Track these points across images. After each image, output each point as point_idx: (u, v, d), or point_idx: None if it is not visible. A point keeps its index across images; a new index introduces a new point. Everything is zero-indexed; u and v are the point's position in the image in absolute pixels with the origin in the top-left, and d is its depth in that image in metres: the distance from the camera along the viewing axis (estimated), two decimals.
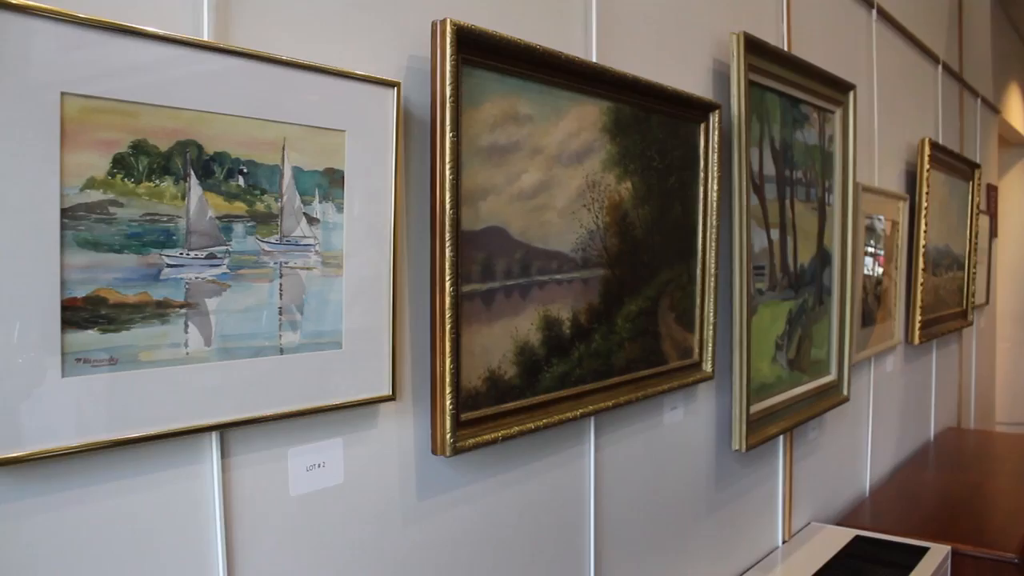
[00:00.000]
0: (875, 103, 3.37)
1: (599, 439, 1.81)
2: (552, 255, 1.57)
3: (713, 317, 2.04)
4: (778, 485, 2.65)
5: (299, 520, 1.22)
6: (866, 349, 3.23)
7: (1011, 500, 3.33)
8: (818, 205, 2.66)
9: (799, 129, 2.52)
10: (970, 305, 4.70)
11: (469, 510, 1.50)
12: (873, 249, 3.30)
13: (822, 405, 2.72)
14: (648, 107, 1.82)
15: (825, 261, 2.72)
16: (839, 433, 3.11)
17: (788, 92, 2.45)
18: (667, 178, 1.89)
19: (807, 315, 2.61)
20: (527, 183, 1.51)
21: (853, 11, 3.21)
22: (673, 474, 2.10)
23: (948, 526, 2.99)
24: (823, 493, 3.00)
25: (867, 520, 3.09)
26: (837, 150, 2.78)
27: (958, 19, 4.87)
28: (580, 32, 1.74)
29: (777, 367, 2.44)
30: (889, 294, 3.51)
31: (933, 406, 4.38)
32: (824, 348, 2.76)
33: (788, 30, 2.62)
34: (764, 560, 2.56)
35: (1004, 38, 6.43)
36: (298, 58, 1.15)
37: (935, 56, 4.28)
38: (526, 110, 1.51)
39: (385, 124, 1.28)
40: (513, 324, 1.50)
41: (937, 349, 4.42)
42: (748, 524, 2.48)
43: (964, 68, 4.94)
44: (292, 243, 1.16)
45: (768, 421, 2.37)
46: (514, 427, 1.49)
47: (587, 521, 1.80)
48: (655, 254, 1.86)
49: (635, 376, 1.82)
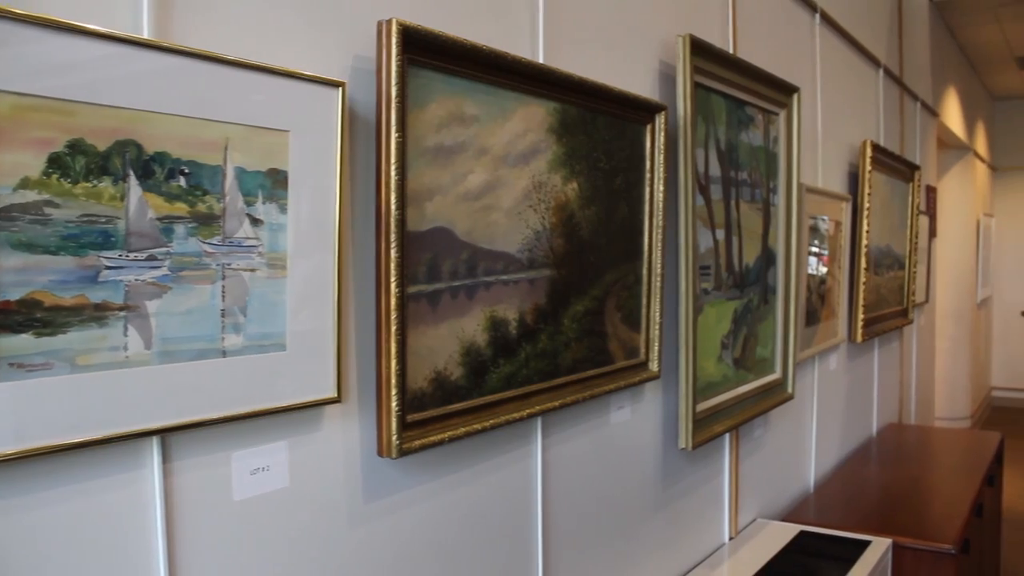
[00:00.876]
0: (819, 105, 3.43)
1: (546, 439, 1.82)
2: (498, 256, 1.57)
3: (659, 317, 2.06)
4: (724, 482, 2.68)
5: (243, 525, 1.21)
6: (810, 347, 3.28)
7: (949, 493, 3.41)
8: (763, 205, 2.70)
9: (744, 130, 2.56)
10: (910, 303, 4.80)
11: (416, 512, 1.50)
12: (817, 249, 3.35)
13: (767, 403, 2.76)
14: (595, 108, 1.83)
15: (770, 261, 2.76)
16: (784, 430, 3.16)
17: (733, 94, 2.47)
18: (613, 179, 1.91)
19: (752, 314, 2.65)
20: (473, 184, 1.51)
21: (797, 15, 3.26)
22: (620, 473, 2.11)
23: (889, 519, 3.05)
24: (769, 490, 3.04)
25: (811, 515, 3.14)
26: (781, 151, 2.82)
27: (898, 25, 4.96)
28: (527, 33, 1.75)
29: (723, 366, 2.47)
30: (833, 293, 3.57)
31: (875, 403, 4.46)
32: (769, 347, 2.80)
33: (734, 33, 2.65)
34: (711, 557, 2.59)
35: (942, 44, 6.57)
36: (241, 57, 1.14)
37: (876, 60, 4.36)
38: (472, 111, 1.51)
39: (330, 124, 1.27)
40: (459, 325, 1.49)
41: (879, 347, 4.50)
42: (695, 521, 2.50)
43: (904, 72, 5.04)
44: (235, 244, 1.15)
45: (714, 419, 2.40)
46: (461, 428, 1.49)
47: (535, 521, 1.80)
48: (601, 254, 1.87)
49: (582, 376, 1.83)
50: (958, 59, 7.46)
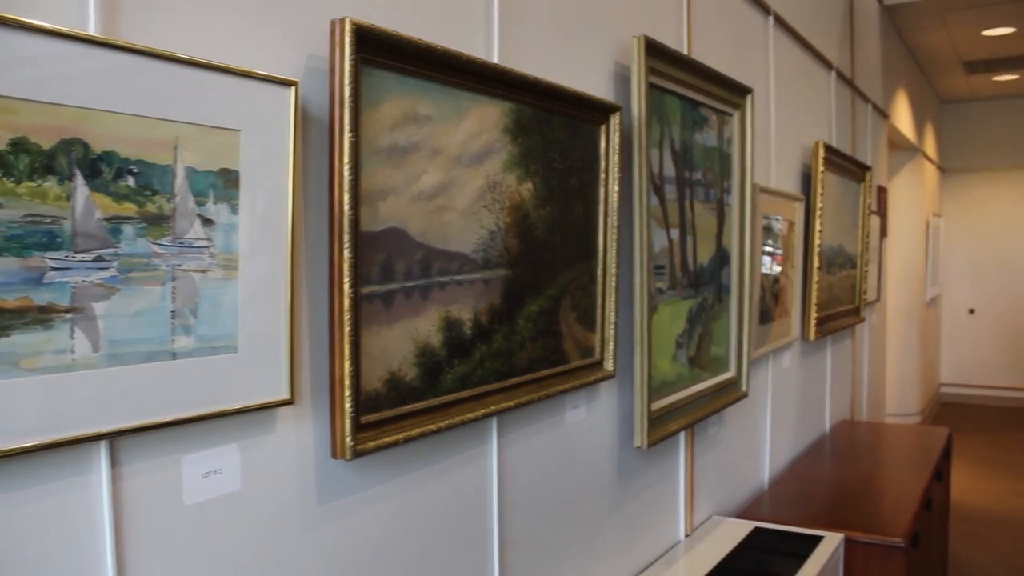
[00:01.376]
0: (772, 107, 3.47)
1: (502, 439, 1.82)
2: (453, 256, 1.57)
3: (614, 316, 2.07)
4: (680, 480, 2.70)
5: (194, 529, 1.20)
6: (764, 346, 3.31)
7: (899, 488, 3.47)
8: (717, 205, 2.73)
9: (698, 131, 2.58)
10: (862, 302, 4.87)
11: (371, 513, 1.49)
12: (771, 248, 3.39)
13: (722, 401, 2.78)
14: (549, 108, 1.84)
15: (724, 260, 2.78)
16: (739, 428, 3.19)
17: (688, 95, 2.49)
18: (568, 179, 1.91)
19: (707, 313, 2.67)
20: (427, 184, 1.51)
21: (751, 17, 3.30)
22: (576, 472, 2.12)
23: (842, 515, 3.10)
24: (724, 487, 3.07)
25: (766, 512, 3.17)
26: (735, 152, 2.85)
27: (850, 28, 5.04)
28: (482, 33, 1.75)
29: (678, 365, 2.49)
30: (786, 292, 3.61)
31: (828, 400, 4.53)
32: (723, 345, 2.82)
33: (688, 34, 2.67)
34: (667, 554, 2.61)
35: (892, 48, 6.68)
36: (191, 56, 1.12)
37: (828, 62, 4.42)
38: (426, 111, 1.51)
39: (282, 124, 1.26)
40: (414, 325, 1.49)
41: (832, 345, 4.57)
42: (651, 519, 2.52)
43: (856, 75, 5.11)
44: (186, 245, 1.13)
45: (669, 418, 2.41)
46: (415, 429, 1.49)
47: (491, 521, 1.80)
48: (556, 254, 1.88)
49: (537, 376, 1.83)
50: (907, 63, 7.59)
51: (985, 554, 5.13)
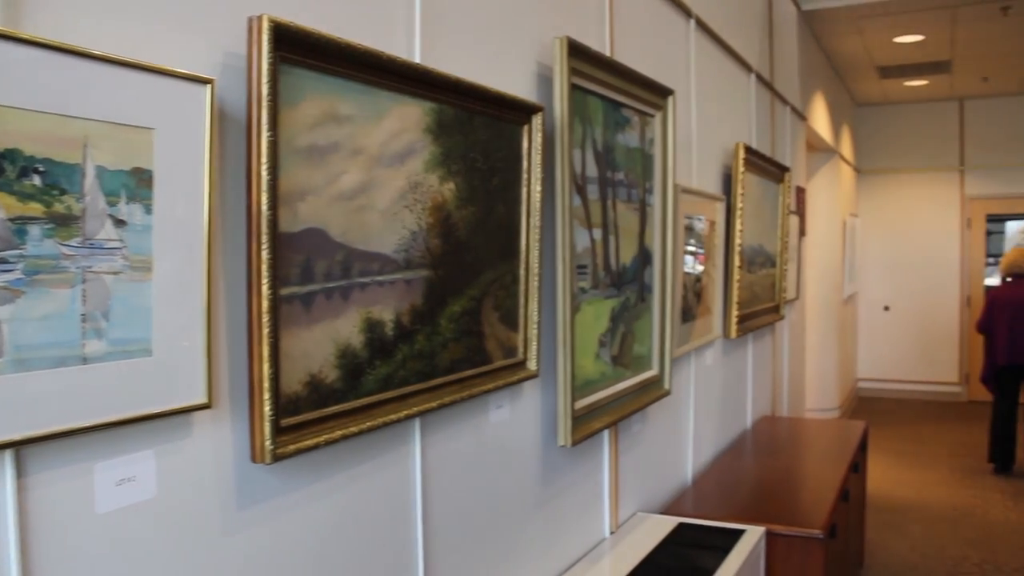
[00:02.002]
0: (693, 108, 3.52)
1: (425, 440, 1.81)
2: (374, 256, 1.56)
3: (537, 316, 2.08)
4: (604, 478, 2.73)
5: (107, 539, 1.16)
6: (687, 344, 3.36)
7: (818, 480, 3.56)
8: (639, 206, 2.76)
9: (621, 132, 2.60)
10: (782, 300, 4.98)
11: (293, 518, 1.47)
12: (693, 248, 3.44)
13: (645, 399, 2.82)
14: (471, 108, 1.84)
15: (646, 260, 2.82)
16: (662, 425, 3.23)
17: (610, 96, 2.52)
18: (490, 179, 1.91)
19: (629, 312, 2.70)
20: (348, 184, 1.49)
21: (673, 20, 3.34)
22: (501, 472, 2.12)
23: (763, 508, 3.17)
24: (648, 484, 3.11)
25: (690, 507, 3.22)
26: (657, 152, 2.88)
27: (769, 33, 5.14)
28: (404, 32, 1.74)
29: (601, 363, 2.51)
30: (708, 291, 3.67)
31: (750, 396, 4.61)
32: (646, 344, 2.86)
33: (611, 36, 2.69)
34: (592, 552, 2.63)
35: (810, 52, 6.84)
36: (102, 51, 1.09)
37: (748, 66, 4.51)
38: (347, 110, 1.49)
39: (198, 123, 1.24)
40: (334, 327, 1.48)
41: (753, 342, 4.66)
42: (576, 517, 2.53)
43: (775, 78, 5.22)
44: (96, 246, 1.10)
45: (593, 416, 2.43)
46: (337, 431, 1.47)
47: (415, 523, 1.79)
48: (478, 254, 1.88)
49: (460, 376, 1.83)
50: (824, 67, 7.78)
51: (899, 542, 5.29)
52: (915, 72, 8.56)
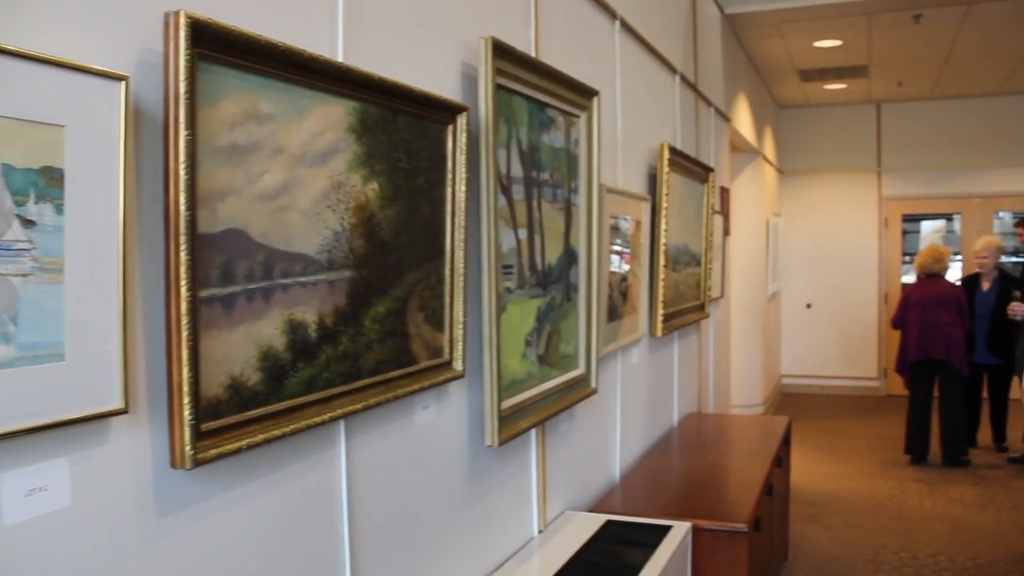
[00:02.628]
0: (618, 109, 3.55)
1: (351, 443, 1.80)
2: (296, 257, 1.54)
3: (462, 316, 2.08)
4: (532, 477, 2.74)
5: (18, 550, 1.13)
6: (613, 343, 3.39)
7: (743, 475, 3.62)
8: (565, 205, 2.77)
9: (546, 132, 2.62)
10: (707, 298, 5.06)
11: (216, 524, 1.45)
12: (619, 247, 3.47)
13: (572, 398, 2.83)
14: (395, 108, 1.83)
15: (572, 259, 2.83)
16: (589, 424, 3.25)
17: (535, 96, 2.53)
18: (415, 179, 1.91)
19: (555, 312, 2.72)
20: (269, 184, 1.47)
21: (598, 21, 3.37)
22: (428, 473, 2.11)
23: (689, 504, 3.21)
24: (576, 482, 3.13)
25: (618, 505, 3.26)
26: (582, 152, 2.90)
27: (693, 35, 5.22)
28: (326, 31, 1.72)
29: (527, 363, 2.52)
30: (634, 290, 3.71)
31: (676, 393, 4.67)
32: (573, 343, 2.88)
33: (536, 36, 2.70)
34: (521, 551, 2.63)
35: (733, 54, 6.97)
36: (9, 45, 1.06)
37: (673, 67, 4.57)
38: (268, 109, 1.47)
39: (112, 120, 1.21)
40: (256, 329, 1.45)
41: (679, 340, 4.72)
42: (504, 517, 2.54)
43: (699, 80, 5.30)
44: (3, 248, 1.07)
45: (520, 416, 2.44)
46: (259, 435, 1.45)
47: (341, 526, 1.78)
48: (403, 255, 1.87)
49: (385, 377, 1.82)
50: (748, 69, 7.92)
51: (822, 533, 5.41)
52: (834, 76, 8.78)
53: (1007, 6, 6.46)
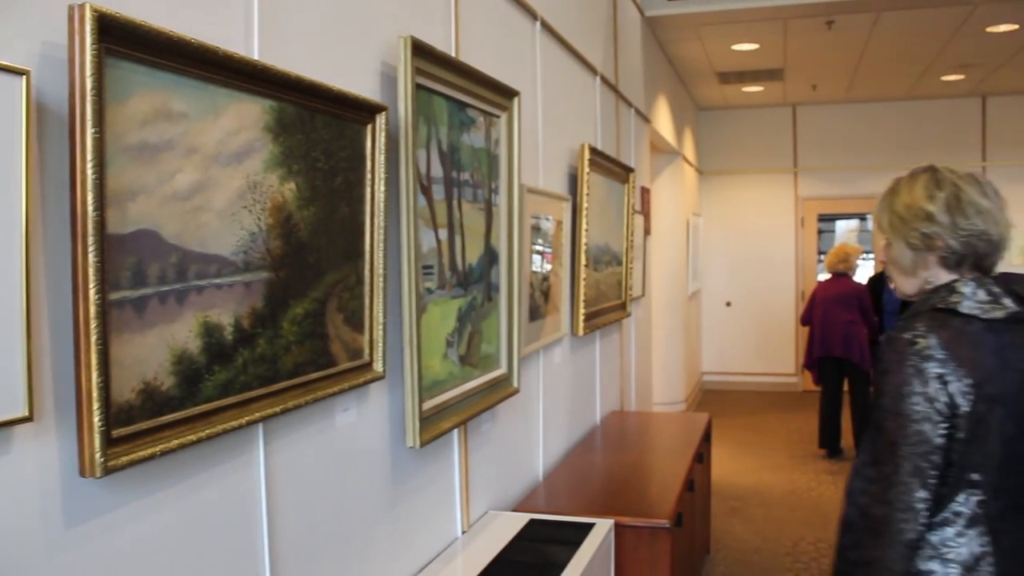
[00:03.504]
0: (539, 109, 3.57)
1: (269, 446, 1.77)
2: (211, 258, 1.51)
3: (382, 317, 2.06)
4: (455, 478, 2.73)
5: None
6: (535, 342, 3.41)
7: (665, 472, 3.67)
8: (485, 205, 2.78)
9: (466, 132, 2.61)
10: (628, 297, 5.11)
11: (129, 532, 1.41)
12: (541, 247, 3.49)
13: (494, 398, 2.84)
14: (313, 107, 1.80)
15: (493, 259, 2.84)
16: (512, 423, 3.26)
17: (455, 96, 2.52)
18: (333, 179, 1.89)
19: (476, 312, 2.71)
20: (182, 183, 1.44)
21: (519, 22, 3.38)
22: (349, 476, 2.09)
23: (612, 501, 3.24)
24: (499, 481, 3.13)
25: (541, 503, 3.27)
26: (503, 153, 2.91)
27: (613, 37, 5.27)
28: (241, 28, 1.69)
29: (448, 363, 2.51)
30: (555, 289, 3.72)
31: (598, 392, 4.71)
32: (494, 343, 2.88)
33: (456, 36, 2.70)
34: (445, 552, 2.63)
35: (653, 56, 7.06)
36: None
37: (593, 68, 4.60)
38: (180, 107, 1.44)
39: (12, 117, 1.16)
40: (169, 332, 1.42)
41: (600, 339, 4.76)
42: (427, 518, 2.53)
43: (619, 81, 5.36)
44: None
45: (441, 416, 2.43)
46: (174, 440, 1.42)
47: (260, 532, 1.75)
48: (321, 255, 1.85)
49: (304, 379, 1.79)
50: (668, 71, 8.04)
51: (743, 527, 5.52)
52: (752, 78, 8.97)
53: (914, 15, 6.70)
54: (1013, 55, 8.02)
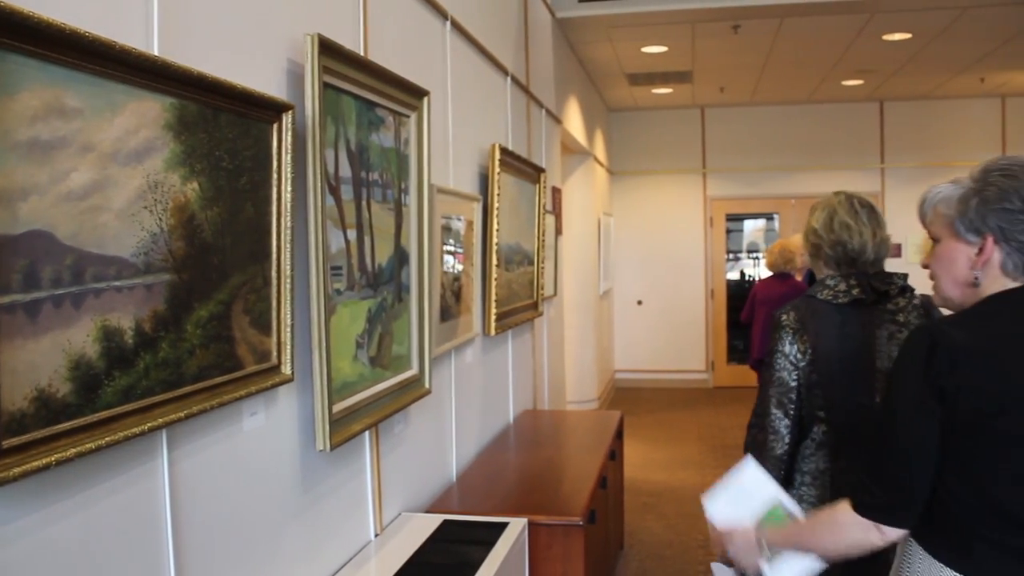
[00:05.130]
0: (449, 109, 3.56)
1: (174, 453, 1.72)
2: (110, 260, 1.46)
3: (290, 319, 2.03)
4: (367, 480, 2.71)
5: None
6: (447, 343, 3.40)
7: (577, 470, 3.70)
8: (395, 206, 2.76)
9: (375, 132, 2.59)
10: (540, 297, 5.14)
11: (22, 548, 1.35)
12: (452, 247, 3.48)
13: (406, 399, 2.82)
14: (216, 105, 1.76)
15: (403, 260, 2.82)
16: (424, 424, 3.25)
17: (364, 95, 2.50)
18: (238, 179, 1.85)
19: (387, 313, 2.69)
20: (77, 183, 1.39)
21: (429, 21, 3.37)
22: (258, 481, 2.06)
23: (525, 500, 3.26)
24: (412, 483, 3.12)
25: (455, 504, 3.26)
26: (413, 153, 2.89)
27: (524, 37, 5.29)
28: (140, 22, 1.64)
29: (359, 365, 2.48)
30: (467, 290, 3.72)
31: (511, 391, 4.72)
32: (405, 344, 2.86)
33: (365, 35, 2.67)
34: (358, 555, 2.60)
35: (565, 57, 7.11)
36: None
37: (504, 69, 4.62)
38: (74, 103, 1.39)
39: None
40: (65, 337, 1.37)
41: (513, 339, 4.77)
42: (339, 522, 2.50)
43: (530, 82, 5.38)
44: None
45: (352, 419, 2.41)
46: (71, 449, 1.37)
47: (165, 540, 1.70)
48: (227, 257, 1.81)
49: (210, 384, 1.75)
50: (579, 72, 8.11)
51: (656, 522, 5.61)
52: (661, 80, 9.11)
53: (815, 21, 6.91)
54: (907, 62, 8.35)
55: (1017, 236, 1.64)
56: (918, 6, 6.48)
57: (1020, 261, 1.65)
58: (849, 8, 6.51)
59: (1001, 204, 1.64)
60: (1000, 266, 1.67)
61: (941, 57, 8.17)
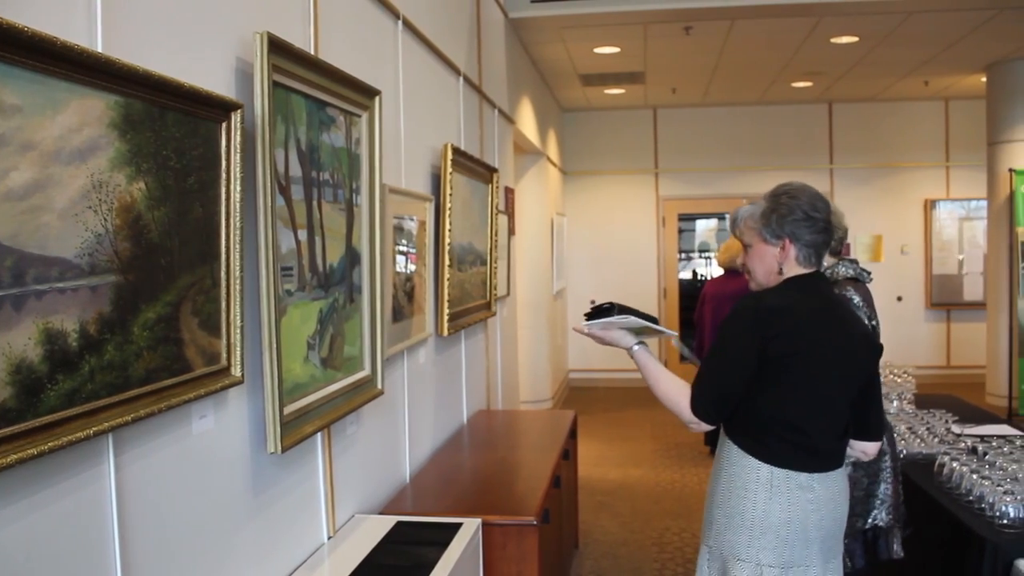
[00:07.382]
0: (401, 109, 3.54)
1: (120, 458, 1.69)
2: (52, 261, 1.43)
3: (240, 320, 2.00)
4: (319, 482, 2.68)
5: None
6: (399, 343, 3.38)
7: (531, 470, 3.71)
8: (346, 206, 2.74)
9: (326, 131, 2.57)
10: (493, 297, 5.13)
11: None
12: (405, 248, 3.47)
13: (358, 400, 2.80)
14: (163, 103, 1.74)
15: (355, 260, 2.80)
16: (377, 425, 3.23)
17: (315, 95, 2.48)
18: (186, 178, 1.82)
19: (338, 314, 2.67)
20: (17, 182, 1.36)
21: (380, 21, 3.35)
22: (208, 484, 2.03)
23: (479, 500, 3.26)
24: (366, 485, 3.10)
25: (408, 505, 3.25)
26: (364, 153, 2.87)
27: (477, 37, 5.29)
28: (84, 17, 1.61)
29: (310, 366, 2.46)
30: (419, 290, 3.71)
31: (464, 391, 4.72)
32: (357, 345, 2.84)
33: (315, 34, 2.65)
34: (311, 558, 2.58)
35: (518, 58, 7.12)
36: None
37: (457, 69, 4.61)
38: (14, 100, 1.36)
39: None
40: (5, 340, 1.34)
41: (466, 339, 4.77)
42: (291, 525, 2.48)
43: (483, 82, 5.38)
44: None
45: (304, 420, 2.39)
46: (11, 455, 1.34)
47: (111, 547, 1.67)
48: (174, 258, 1.78)
49: (158, 386, 1.73)
50: (532, 73, 8.12)
51: (610, 520, 5.64)
52: (613, 81, 9.16)
53: (765, 23, 7.00)
54: (854, 65, 8.49)
55: (804, 237, 2.38)
56: (865, 10, 6.60)
57: (807, 254, 2.40)
58: (798, 11, 6.61)
59: (791, 216, 2.37)
60: (795, 259, 2.41)
61: (887, 60, 8.33)
